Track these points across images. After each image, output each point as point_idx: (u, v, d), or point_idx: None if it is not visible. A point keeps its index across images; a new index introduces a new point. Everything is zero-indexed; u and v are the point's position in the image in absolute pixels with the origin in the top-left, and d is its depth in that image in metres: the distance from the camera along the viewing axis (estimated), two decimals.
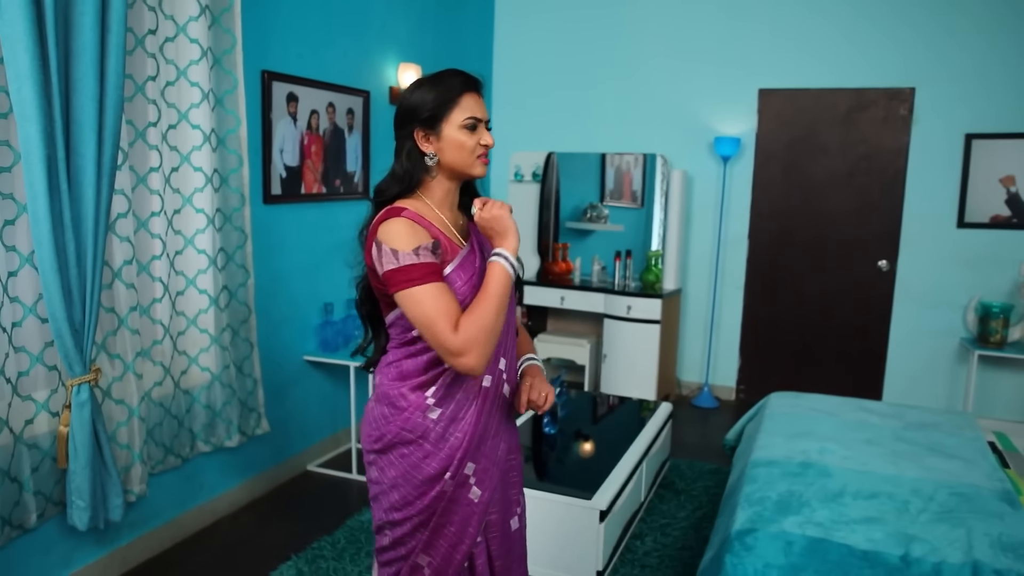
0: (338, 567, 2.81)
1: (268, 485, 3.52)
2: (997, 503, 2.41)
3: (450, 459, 1.51)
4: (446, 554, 1.54)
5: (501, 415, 1.60)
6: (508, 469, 1.65)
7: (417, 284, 1.39)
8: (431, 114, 1.49)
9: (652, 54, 5.05)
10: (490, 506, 1.59)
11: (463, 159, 1.50)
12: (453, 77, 1.53)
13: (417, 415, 1.50)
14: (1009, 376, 4.55)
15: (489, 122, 1.54)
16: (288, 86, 3.43)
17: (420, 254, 1.41)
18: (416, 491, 1.52)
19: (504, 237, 1.50)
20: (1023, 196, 4.42)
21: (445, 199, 1.56)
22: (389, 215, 1.46)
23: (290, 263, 3.57)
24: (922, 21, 4.50)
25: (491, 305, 1.42)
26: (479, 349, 1.40)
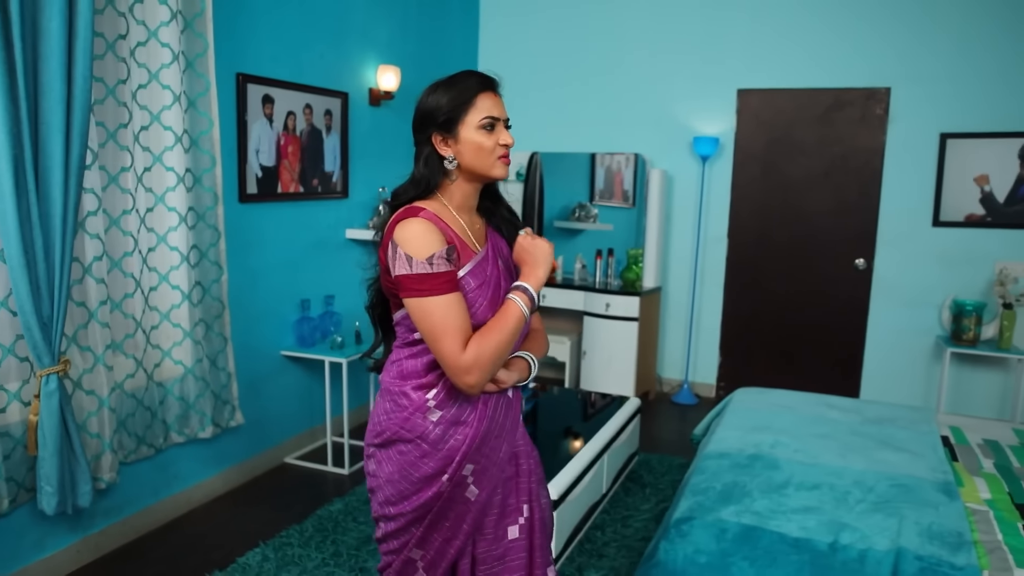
0: (303, 554, 2.91)
1: (244, 476, 3.62)
2: (935, 494, 2.47)
3: (448, 461, 1.50)
4: (440, 548, 1.54)
5: (505, 418, 1.58)
6: (514, 474, 1.63)
7: (428, 295, 1.39)
8: (447, 117, 1.49)
9: (632, 55, 5.12)
10: (488, 507, 1.57)
11: (482, 160, 1.50)
12: (467, 78, 1.52)
13: (417, 416, 1.50)
14: (983, 373, 4.59)
15: (508, 120, 1.54)
16: (264, 88, 3.53)
17: (435, 263, 1.40)
18: (412, 488, 1.52)
19: (534, 268, 1.51)
20: (996, 195, 4.45)
21: (465, 202, 1.56)
22: (407, 214, 1.46)
23: (267, 260, 3.67)
24: (898, 22, 4.55)
25: (503, 336, 1.43)
26: (482, 372, 1.41)
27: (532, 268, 1.51)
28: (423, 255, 1.39)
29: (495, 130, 1.50)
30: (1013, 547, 2.14)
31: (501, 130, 1.51)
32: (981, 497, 2.50)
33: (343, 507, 3.32)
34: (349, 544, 2.99)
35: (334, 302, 4.02)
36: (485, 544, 1.58)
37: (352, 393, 4.22)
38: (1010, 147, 4.39)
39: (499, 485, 1.58)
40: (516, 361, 1.57)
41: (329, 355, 3.71)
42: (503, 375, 1.51)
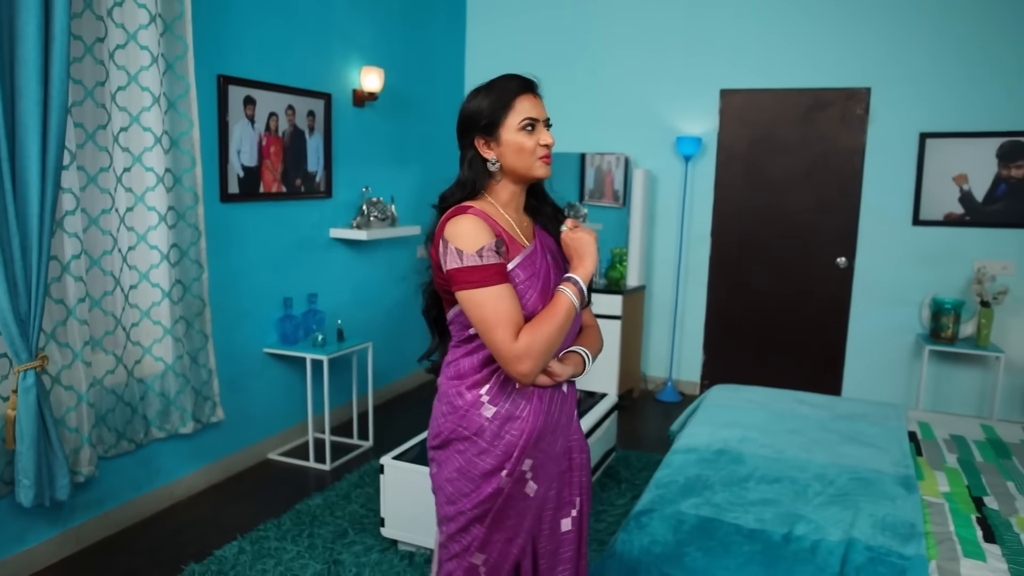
0: (279, 547, 2.96)
1: (227, 471, 3.67)
2: (894, 487, 2.51)
3: (507, 456, 1.52)
4: (502, 549, 1.56)
5: (561, 412, 1.62)
6: (568, 468, 1.66)
7: (479, 286, 1.43)
8: (488, 121, 1.53)
9: (617, 56, 5.17)
10: (545, 502, 1.59)
11: (524, 161, 1.54)
12: (507, 81, 1.56)
13: (473, 412, 1.54)
14: (963, 371, 4.63)
15: (549, 120, 1.57)
16: (245, 89, 3.58)
17: (484, 255, 1.44)
18: (470, 485, 1.54)
19: (582, 260, 1.55)
20: (975, 194, 4.49)
21: (511, 201, 1.60)
22: (456, 213, 1.51)
23: (249, 259, 3.72)
24: (877, 23, 4.59)
25: (554, 326, 1.46)
26: (534, 360, 1.43)
27: (579, 260, 1.55)
28: (472, 248, 1.44)
29: (535, 131, 1.55)
30: (963, 538, 2.19)
31: (541, 130, 1.56)
32: (940, 490, 2.54)
33: (322, 501, 3.37)
34: (325, 537, 3.04)
35: (317, 300, 4.07)
36: (544, 540, 1.62)
37: (334, 390, 4.29)
38: (988, 147, 4.43)
39: (555, 480, 1.61)
40: (571, 356, 1.61)
41: (311, 352, 3.76)
42: (557, 368, 1.54)
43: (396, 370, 5.03)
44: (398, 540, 2.96)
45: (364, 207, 4.34)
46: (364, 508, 3.30)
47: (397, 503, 2.90)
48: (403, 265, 5.01)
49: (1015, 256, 4.44)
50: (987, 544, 2.16)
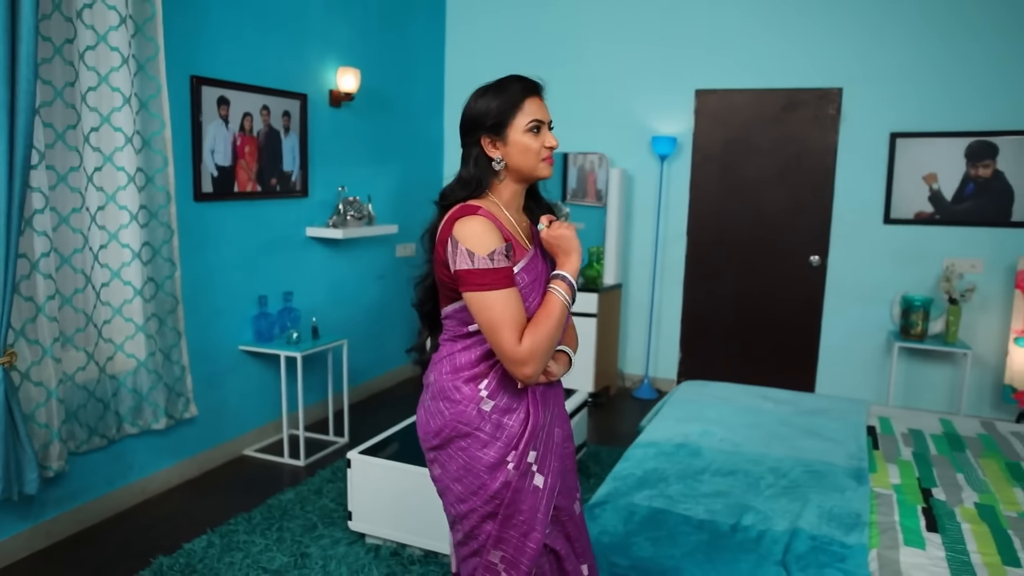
0: (248, 540, 3.01)
1: (202, 467, 3.72)
2: (845, 479, 2.58)
3: (509, 446, 1.54)
4: (518, 544, 1.56)
5: (555, 405, 1.68)
6: (564, 456, 1.70)
7: (489, 289, 1.46)
8: (496, 120, 1.56)
9: (594, 56, 5.22)
10: (555, 492, 1.62)
11: (528, 162, 1.57)
12: (514, 83, 1.61)
13: (471, 408, 1.55)
14: (933, 367, 4.69)
15: (551, 123, 1.62)
16: (218, 90, 3.63)
17: (495, 259, 1.47)
18: (477, 482, 1.55)
19: (567, 256, 1.58)
20: (944, 193, 4.55)
21: (512, 201, 1.63)
22: (465, 212, 1.52)
23: (224, 257, 3.77)
24: (849, 24, 4.65)
25: (551, 325, 1.50)
26: (537, 361, 1.47)
27: (565, 256, 1.58)
28: (484, 251, 1.47)
29: (541, 133, 1.58)
30: (906, 527, 2.25)
31: (546, 132, 1.60)
32: (891, 482, 2.60)
33: (294, 496, 3.42)
34: (294, 531, 3.09)
35: (293, 298, 4.12)
36: (572, 524, 1.69)
37: (311, 387, 4.34)
38: (957, 146, 4.49)
39: (560, 470, 1.65)
40: (559, 355, 1.68)
41: (285, 350, 3.81)
42: (553, 367, 1.62)
43: (374, 368, 5.08)
44: (366, 534, 3.00)
45: (340, 206, 4.39)
46: (335, 503, 3.34)
47: (364, 497, 2.95)
48: (381, 264, 5.06)
49: (983, 254, 4.51)
50: (929, 533, 2.22)
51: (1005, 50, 4.35)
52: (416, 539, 2.87)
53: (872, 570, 2.01)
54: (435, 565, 2.82)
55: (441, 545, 2.82)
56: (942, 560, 2.06)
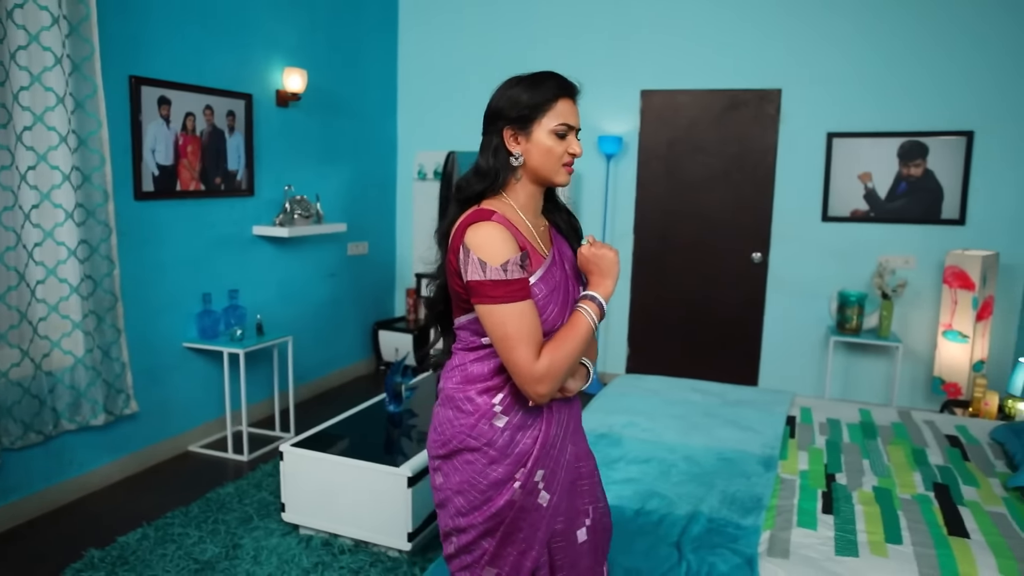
0: (183, 532, 3.06)
1: (145, 463, 3.75)
2: (754, 466, 2.68)
3: (518, 464, 1.47)
4: (515, 562, 1.49)
5: (569, 420, 1.58)
6: (577, 477, 1.60)
7: (502, 302, 1.38)
8: (524, 114, 1.48)
9: (542, 57, 5.30)
10: (557, 512, 1.53)
11: (548, 165, 1.49)
12: (551, 80, 1.51)
13: (483, 422, 1.47)
14: (868, 360, 4.84)
15: (579, 131, 1.53)
16: (159, 90, 3.67)
17: (509, 270, 1.39)
18: (481, 497, 1.48)
19: (603, 278, 1.50)
20: (879, 192, 4.69)
21: (529, 203, 1.54)
22: (478, 218, 1.44)
23: (166, 255, 3.80)
24: (787, 27, 4.77)
25: (574, 345, 1.43)
26: (553, 381, 1.40)
27: (600, 279, 1.50)
28: (497, 261, 1.38)
29: (566, 138, 1.50)
30: (802, 509, 2.35)
31: (572, 139, 1.51)
32: (798, 468, 2.71)
33: (234, 490, 3.47)
34: (230, 523, 3.14)
35: (239, 296, 4.16)
36: (560, 552, 1.55)
37: (259, 384, 4.39)
38: (890, 146, 4.63)
39: (568, 489, 1.56)
40: (578, 368, 1.58)
41: (228, 346, 3.85)
42: (571, 383, 1.53)
43: (325, 366, 5.13)
44: (299, 525, 3.07)
45: (287, 205, 4.44)
46: (273, 496, 3.40)
47: (297, 489, 3.01)
48: (332, 262, 5.11)
49: (916, 251, 4.65)
50: (823, 515, 2.33)
51: (934, 54, 4.49)
52: (347, 529, 2.94)
53: (761, 550, 2.11)
54: (364, 555, 2.89)
55: (370, 535, 2.89)
56: (830, 539, 2.17)
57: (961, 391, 4.32)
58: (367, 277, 5.54)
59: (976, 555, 2.07)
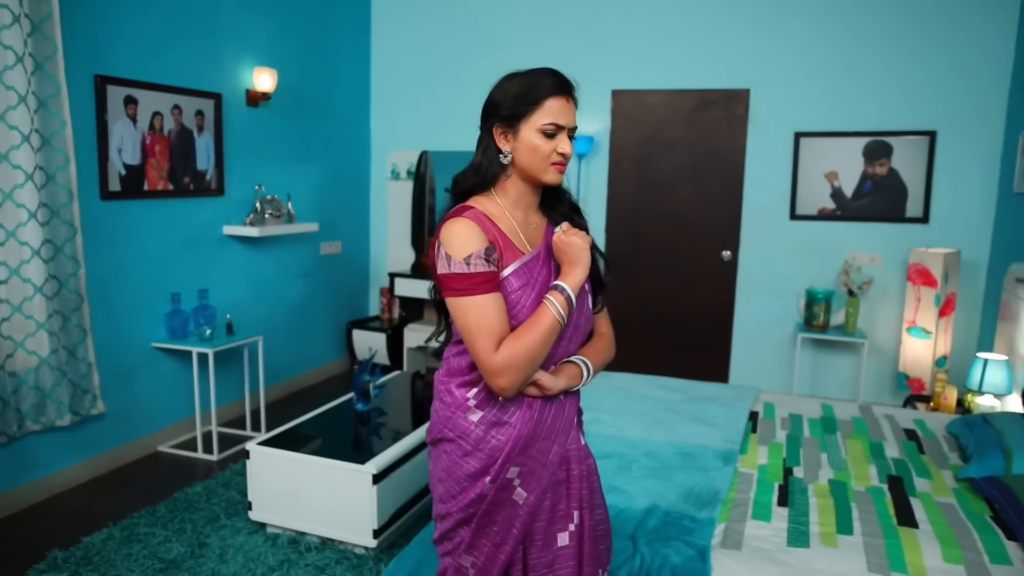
0: (149, 532, 3.06)
1: (113, 463, 3.74)
2: (714, 461, 2.72)
3: (491, 461, 1.48)
4: (489, 554, 1.51)
5: (555, 420, 1.53)
6: (564, 480, 1.56)
7: (463, 294, 1.40)
8: (511, 112, 1.47)
9: (515, 56, 5.32)
10: (537, 512, 1.53)
11: (535, 164, 1.48)
12: (543, 77, 1.49)
13: (459, 414, 1.50)
14: (835, 356, 4.91)
15: (574, 130, 1.51)
16: (125, 89, 3.65)
17: (472, 263, 1.40)
18: (457, 487, 1.51)
19: (572, 266, 1.46)
20: (845, 190, 4.76)
21: (519, 200, 1.54)
22: (455, 213, 1.47)
23: (134, 255, 3.79)
24: (755, 27, 4.83)
25: (534, 337, 1.40)
26: (513, 375, 1.39)
27: (570, 267, 1.46)
28: (461, 254, 1.41)
29: (556, 137, 1.48)
30: (758, 502, 2.40)
31: (562, 138, 1.49)
32: (757, 463, 2.76)
33: (202, 489, 3.47)
34: (197, 522, 3.14)
35: (209, 296, 4.16)
36: (536, 550, 1.54)
37: (230, 384, 4.39)
38: (856, 145, 4.71)
39: (548, 489, 1.53)
40: (567, 366, 1.53)
41: (197, 346, 3.85)
42: (547, 381, 1.48)
43: (297, 365, 5.13)
44: (266, 523, 3.07)
45: (258, 204, 4.44)
46: (241, 494, 3.40)
47: (263, 487, 3.02)
48: (304, 261, 5.11)
49: (881, 248, 4.73)
50: (778, 507, 2.38)
51: (898, 56, 4.57)
52: (313, 527, 2.95)
53: (715, 542, 2.15)
54: (331, 552, 2.90)
55: (336, 532, 2.90)
56: (783, 531, 2.22)
57: (925, 386, 4.39)
58: (340, 276, 5.54)
59: (923, 544, 2.13)
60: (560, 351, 1.54)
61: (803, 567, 2.00)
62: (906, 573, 1.99)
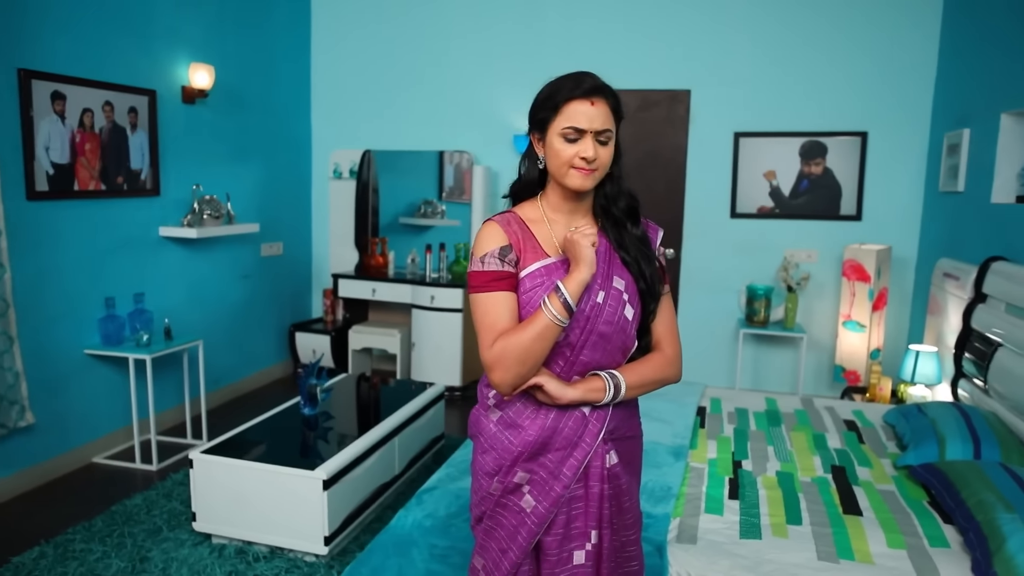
0: (85, 548, 2.92)
1: (44, 477, 3.57)
2: (666, 456, 2.76)
3: (502, 461, 1.50)
4: (495, 559, 1.51)
5: (574, 433, 1.49)
6: (582, 496, 1.51)
7: (476, 291, 1.46)
8: (540, 118, 1.49)
9: (458, 56, 5.31)
10: (550, 526, 1.50)
11: (556, 168, 1.47)
12: (566, 81, 1.48)
13: (482, 412, 1.56)
14: (776, 351, 5.05)
15: (604, 133, 1.45)
16: (52, 84, 3.49)
17: (485, 261, 1.46)
18: (476, 483, 1.57)
19: (575, 267, 1.43)
20: (783, 189, 4.90)
21: (560, 205, 1.54)
22: (492, 217, 1.54)
23: (64, 258, 3.62)
24: (695, 29, 4.92)
25: (527, 335, 1.40)
26: (503, 369, 1.40)
27: (574, 267, 1.43)
28: (479, 254, 1.48)
29: (579, 141, 1.45)
30: (710, 496, 2.44)
31: (585, 142, 1.45)
32: (707, 457, 2.81)
33: (141, 501, 3.34)
34: (137, 536, 3.03)
35: (145, 300, 4.01)
36: (548, 566, 1.51)
37: (169, 391, 4.24)
38: (792, 145, 4.84)
39: (563, 503, 1.50)
40: (591, 379, 1.48)
41: (134, 352, 3.70)
42: (553, 388, 1.44)
43: (239, 370, 5.00)
44: (211, 534, 2.98)
45: (196, 205, 4.30)
46: (183, 505, 3.29)
47: (208, 497, 2.92)
48: (244, 263, 4.98)
49: (818, 245, 4.88)
50: (729, 500, 2.42)
51: (831, 59, 4.72)
52: (262, 536, 2.87)
53: (671, 537, 2.17)
54: (281, 560, 2.83)
55: (286, 541, 2.83)
56: (735, 523, 2.26)
57: (860, 378, 4.55)
58: (282, 278, 5.42)
59: (867, 531, 2.20)
60: (586, 359, 1.49)
61: (756, 558, 2.05)
62: (854, 560, 2.05)
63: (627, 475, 1.58)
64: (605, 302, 1.48)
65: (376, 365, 5.73)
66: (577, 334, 1.47)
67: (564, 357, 1.49)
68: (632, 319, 1.53)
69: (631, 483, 1.60)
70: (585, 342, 1.47)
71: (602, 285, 1.49)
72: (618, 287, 1.51)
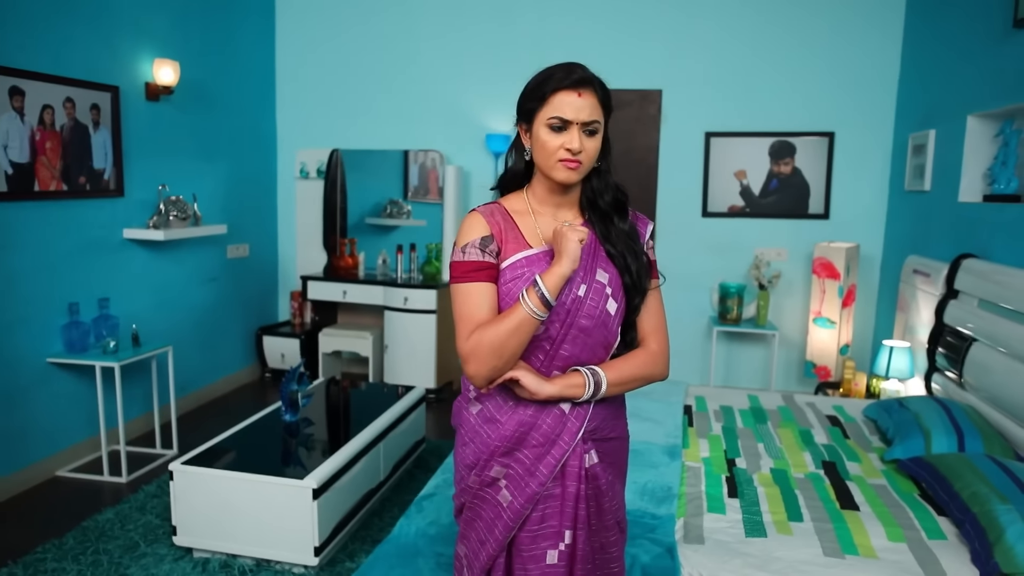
0: (58, 567, 2.78)
1: (5, 493, 3.39)
2: (661, 456, 2.76)
3: (480, 455, 1.49)
4: (474, 549, 1.52)
5: (552, 430, 1.46)
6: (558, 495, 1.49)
7: (455, 281, 1.45)
8: (526, 109, 1.47)
9: (429, 55, 5.24)
10: (523, 520, 1.48)
11: (543, 159, 1.44)
12: (556, 71, 1.45)
13: (464, 405, 1.56)
14: (748, 348, 5.12)
15: (591, 124, 1.43)
16: (10, 79, 3.31)
17: (466, 251, 1.44)
18: (457, 474, 1.58)
19: (557, 260, 1.39)
20: (753, 188, 4.97)
21: (547, 198, 1.52)
22: (475, 208, 1.52)
23: (23, 262, 3.45)
24: (667, 29, 4.95)
25: (503, 327, 1.37)
26: (479, 362, 1.37)
27: (556, 260, 1.39)
28: (460, 244, 1.47)
29: (564, 132, 1.42)
30: (710, 495, 2.45)
31: (572, 133, 1.41)
32: (700, 456, 2.82)
33: (114, 515, 3.20)
34: (113, 553, 2.89)
35: (110, 305, 3.85)
36: (521, 561, 1.50)
37: (135, 399, 4.09)
38: (762, 145, 4.92)
39: (538, 500, 1.48)
40: (571, 375, 1.45)
41: (100, 360, 3.55)
42: (529, 382, 1.41)
43: (208, 374, 4.84)
44: (193, 548, 2.87)
45: (162, 206, 4.15)
46: (160, 518, 3.16)
47: (189, 509, 2.81)
48: (211, 265, 4.83)
49: (788, 244, 4.96)
50: (729, 499, 2.43)
51: (799, 60, 4.80)
52: (247, 548, 2.78)
53: (678, 538, 2.17)
54: (267, 573, 2.74)
55: (273, 552, 2.75)
56: (739, 522, 2.27)
57: (830, 373, 4.65)
58: (249, 281, 5.27)
59: (867, 525, 2.23)
60: (566, 354, 1.46)
61: (765, 556, 2.05)
62: (858, 555, 2.07)
63: (608, 475, 1.55)
64: (587, 296, 1.46)
65: (346, 368, 5.62)
66: (557, 328, 1.45)
67: (544, 351, 1.46)
68: (615, 314, 1.50)
69: (613, 483, 1.57)
70: (565, 336, 1.45)
71: (584, 278, 1.47)
72: (601, 280, 1.48)
